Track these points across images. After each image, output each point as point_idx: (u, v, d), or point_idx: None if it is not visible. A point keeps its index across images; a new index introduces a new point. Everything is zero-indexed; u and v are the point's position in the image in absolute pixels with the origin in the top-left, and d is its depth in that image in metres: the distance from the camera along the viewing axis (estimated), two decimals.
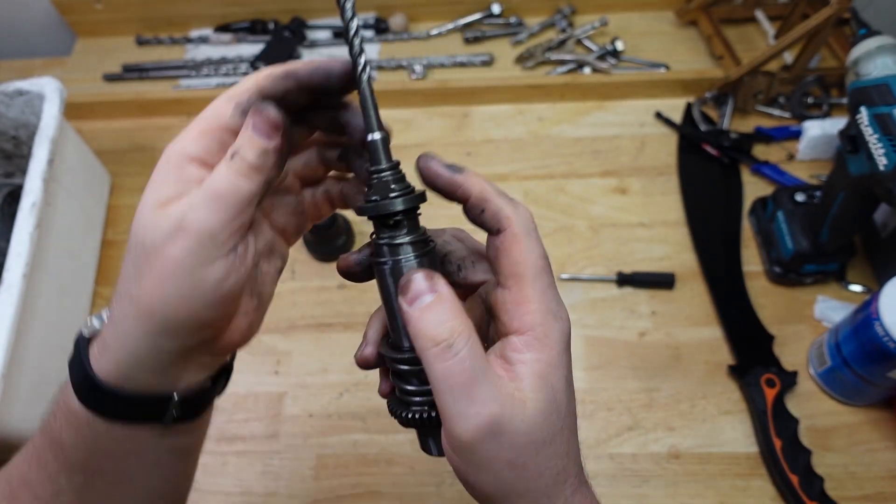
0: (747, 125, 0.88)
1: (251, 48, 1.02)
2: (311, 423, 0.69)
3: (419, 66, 0.96)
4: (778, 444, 0.63)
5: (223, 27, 1.04)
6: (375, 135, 0.31)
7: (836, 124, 0.81)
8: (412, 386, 0.32)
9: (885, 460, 0.64)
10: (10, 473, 0.37)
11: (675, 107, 0.92)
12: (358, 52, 0.31)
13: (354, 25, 0.31)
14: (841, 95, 0.88)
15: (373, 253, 0.33)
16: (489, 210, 0.31)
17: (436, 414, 0.31)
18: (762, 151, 0.86)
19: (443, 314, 0.29)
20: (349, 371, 0.72)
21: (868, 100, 0.63)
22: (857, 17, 0.69)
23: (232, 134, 0.30)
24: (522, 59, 0.97)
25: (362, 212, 0.32)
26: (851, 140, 0.65)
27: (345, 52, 0.32)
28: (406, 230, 0.31)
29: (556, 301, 0.31)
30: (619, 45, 0.96)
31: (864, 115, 0.63)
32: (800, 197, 0.75)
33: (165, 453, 0.36)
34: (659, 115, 0.91)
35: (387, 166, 0.31)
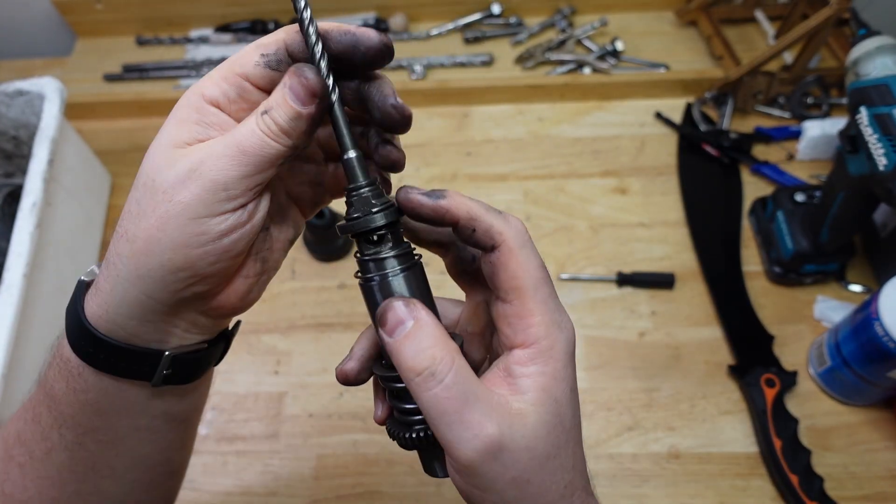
0: (747, 125, 0.88)
1: None
2: (311, 423, 0.70)
3: (419, 66, 0.96)
4: (778, 444, 0.63)
5: (223, 27, 1.04)
6: (350, 153, 0.31)
7: (835, 124, 0.81)
8: (410, 404, 0.32)
9: (884, 460, 0.64)
10: (7, 431, 0.36)
11: (675, 107, 0.92)
12: (318, 58, 0.29)
13: (308, 16, 0.29)
14: (841, 95, 0.88)
15: (359, 271, 0.32)
16: (480, 229, 0.30)
17: None
18: (762, 151, 0.86)
19: (422, 341, 0.28)
20: None
21: (868, 100, 0.63)
22: (856, 17, 0.69)
23: (252, 84, 0.30)
24: (522, 60, 0.97)
25: (344, 230, 0.31)
26: (851, 140, 0.65)
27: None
28: (391, 244, 0.31)
29: (559, 311, 0.31)
30: (619, 45, 0.96)
31: (863, 115, 0.63)
32: (800, 197, 0.75)
33: (158, 418, 0.36)
34: (659, 115, 0.91)
35: (365, 183, 0.31)
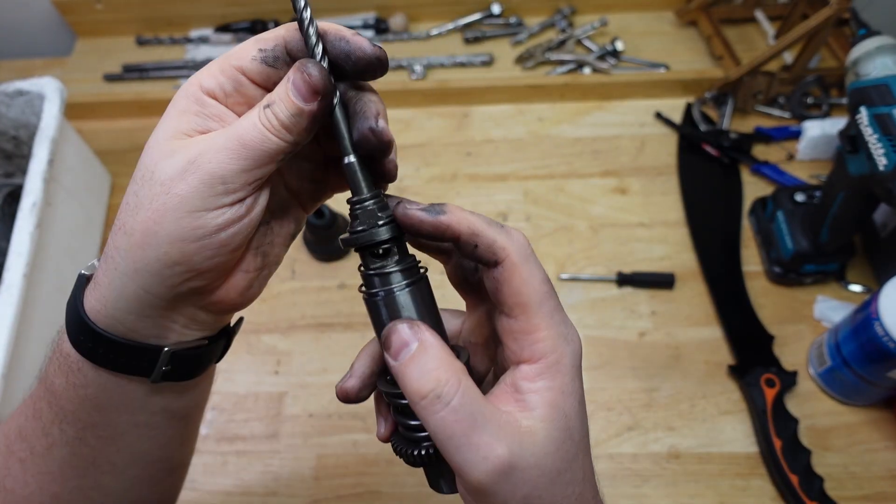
0: (747, 125, 0.88)
1: None
2: (311, 423, 0.69)
3: (419, 66, 0.96)
4: (778, 443, 0.63)
5: (223, 27, 1.04)
6: (351, 157, 0.29)
7: (835, 124, 0.81)
8: (416, 420, 0.31)
9: (884, 460, 0.64)
10: (9, 426, 0.36)
11: (675, 107, 0.92)
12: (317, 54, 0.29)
13: (308, 16, 0.29)
14: (841, 95, 0.88)
15: (363, 285, 0.31)
16: (482, 244, 0.29)
17: None
18: (762, 151, 0.86)
19: (427, 363, 0.28)
20: None
21: (868, 100, 0.63)
22: (856, 17, 0.69)
23: (248, 79, 0.29)
24: (522, 60, 0.97)
25: (348, 244, 0.30)
26: (851, 140, 0.65)
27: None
28: (396, 257, 0.30)
29: (565, 323, 0.30)
30: (619, 46, 0.96)
31: (863, 115, 0.63)
32: (800, 197, 0.75)
33: (158, 415, 0.35)
34: (659, 115, 0.91)
35: (369, 195, 0.30)
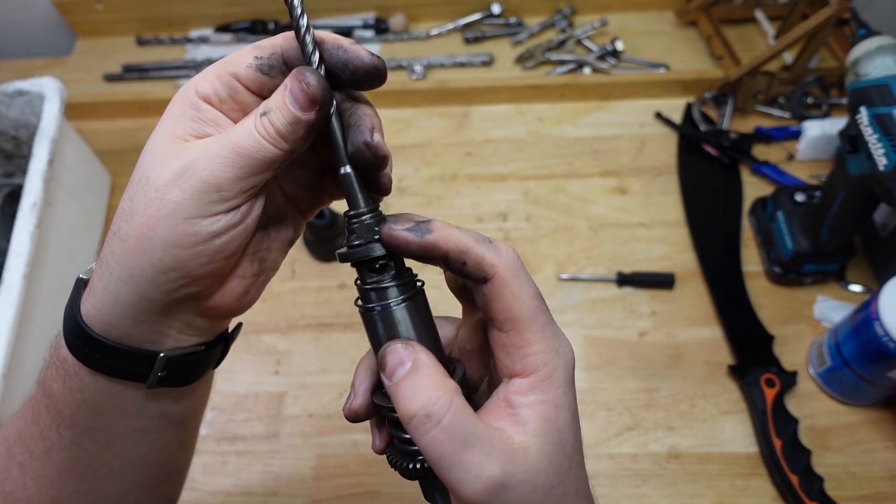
0: (747, 125, 0.88)
1: None
2: (311, 423, 0.70)
3: (419, 67, 0.96)
4: (778, 443, 0.63)
5: (223, 27, 1.04)
6: (347, 168, 0.29)
7: (835, 124, 0.81)
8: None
9: (884, 460, 0.64)
10: (9, 430, 0.36)
11: (675, 107, 0.92)
12: (314, 58, 0.28)
13: (304, 24, 0.28)
14: (841, 95, 0.88)
15: (359, 298, 0.31)
16: (470, 262, 0.29)
17: None
18: (762, 151, 0.86)
19: (419, 382, 0.28)
20: (349, 371, 0.72)
21: (868, 100, 0.63)
22: (856, 17, 0.69)
23: (243, 86, 0.29)
24: (522, 60, 0.97)
25: (345, 258, 0.30)
26: (851, 140, 0.65)
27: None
28: (393, 272, 0.30)
29: (557, 336, 0.30)
30: (619, 46, 0.96)
31: (863, 115, 0.63)
32: (800, 197, 0.75)
33: (155, 420, 0.35)
34: (659, 115, 0.91)
35: (366, 209, 0.29)
